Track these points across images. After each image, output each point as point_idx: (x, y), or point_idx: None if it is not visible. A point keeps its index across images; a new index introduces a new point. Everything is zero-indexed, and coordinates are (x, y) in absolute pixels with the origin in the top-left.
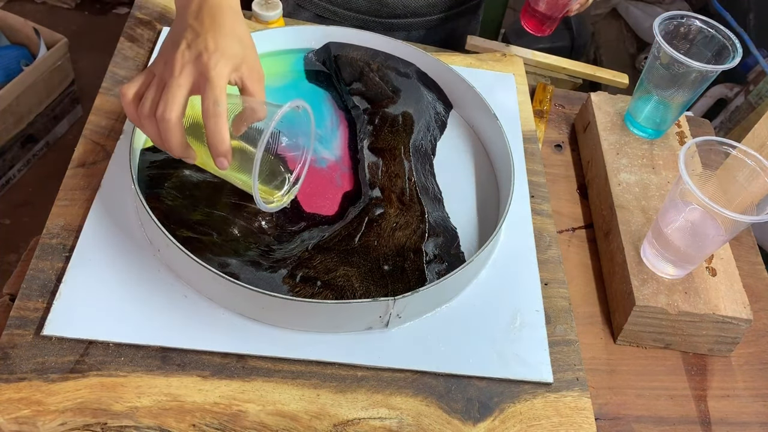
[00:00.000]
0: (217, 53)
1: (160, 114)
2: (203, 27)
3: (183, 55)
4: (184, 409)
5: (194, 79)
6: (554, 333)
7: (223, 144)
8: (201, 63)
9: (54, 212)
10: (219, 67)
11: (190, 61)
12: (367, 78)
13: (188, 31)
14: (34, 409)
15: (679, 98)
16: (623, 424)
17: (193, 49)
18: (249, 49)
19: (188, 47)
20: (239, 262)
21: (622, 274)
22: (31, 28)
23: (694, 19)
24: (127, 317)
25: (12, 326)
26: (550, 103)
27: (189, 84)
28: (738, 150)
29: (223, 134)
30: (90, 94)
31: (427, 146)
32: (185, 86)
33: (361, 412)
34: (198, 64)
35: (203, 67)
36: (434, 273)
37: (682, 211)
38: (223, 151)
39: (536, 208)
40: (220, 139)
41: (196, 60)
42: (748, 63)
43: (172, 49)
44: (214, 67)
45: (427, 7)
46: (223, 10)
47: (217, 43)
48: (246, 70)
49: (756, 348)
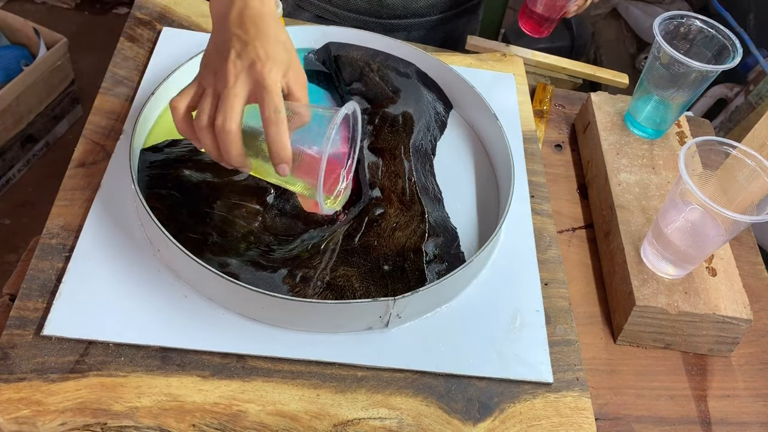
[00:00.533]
0: (270, 61)
1: (219, 125)
2: (249, 35)
3: (235, 65)
4: (184, 409)
5: (250, 88)
6: (554, 333)
7: (286, 151)
8: (255, 71)
9: (54, 212)
10: (273, 74)
11: (243, 70)
12: (367, 78)
13: (234, 39)
14: (34, 409)
15: (679, 98)
16: (623, 424)
17: (244, 58)
18: (293, 55)
19: (239, 56)
20: (239, 262)
21: (622, 274)
22: (31, 28)
23: (694, 19)
24: (127, 317)
25: (12, 326)
26: (550, 103)
27: (245, 93)
28: (738, 150)
29: (285, 141)
30: (90, 94)
31: (427, 146)
32: (242, 95)
33: (361, 412)
34: (252, 72)
35: (258, 75)
36: (434, 273)
37: (682, 211)
38: (286, 158)
39: (536, 208)
40: (282, 146)
41: (250, 69)
42: (748, 63)
43: (220, 59)
44: (269, 75)
45: (427, 7)
46: (265, 17)
47: (267, 50)
48: (293, 75)
49: (756, 348)
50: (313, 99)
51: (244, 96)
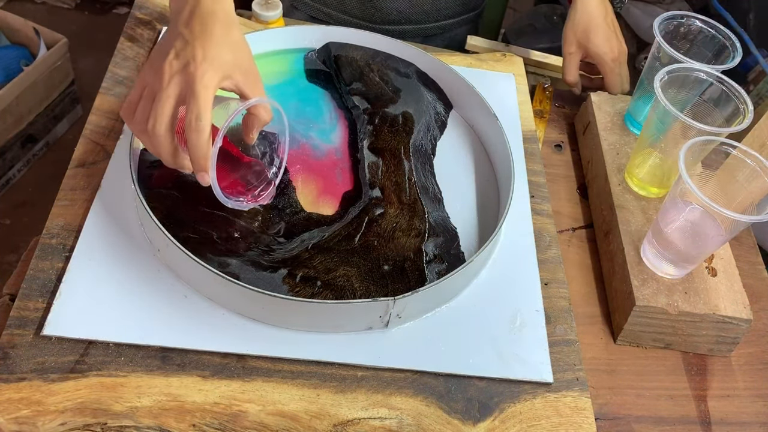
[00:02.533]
0: (205, 63)
1: (150, 128)
2: (193, 35)
3: (171, 65)
4: (184, 409)
5: (181, 90)
6: (554, 333)
7: (204, 160)
8: (188, 73)
9: (54, 212)
10: (206, 78)
11: (177, 72)
12: (367, 78)
13: (178, 39)
14: (34, 409)
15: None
16: (623, 424)
17: (181, 58)
18: (241, 54)
19: (176, 56)
20: (239, 262)
21: (622, 274)
22: (31, 28)
23: (694, 19)
24: (127, 317)
25: (12, 326)
26: (550, 103)
27: (176, 95)
28: (738, 150)
29: (203, 150)
30: (90, 94)
31: (427, 146)
32: (173, 97)
33: (361, 412)
34: (185, 74)
35: (189, 77)
36: (434, 273)
37: (682, 211)
38: (204, 166)
39: (536, 208)
40: (201, 154)
41: (183, 70)
42: (748, 63)
43: (161, 58)
44: (201, 79)
45: (420, 14)
46: (215, 17)
47: (206, 52)
48: (240, 76)
49: (756, 348)
50: (314, 99)
51: (175, 98)
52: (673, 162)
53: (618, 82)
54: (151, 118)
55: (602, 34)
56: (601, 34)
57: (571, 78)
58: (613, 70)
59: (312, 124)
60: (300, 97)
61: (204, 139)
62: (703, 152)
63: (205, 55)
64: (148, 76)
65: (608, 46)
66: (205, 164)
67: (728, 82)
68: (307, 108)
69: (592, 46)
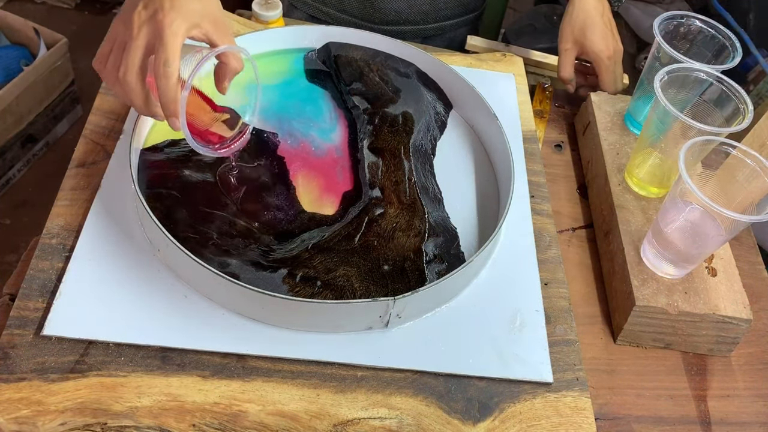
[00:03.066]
0: (173, 11)
1: (121, 76)
2: None
3: (140, 15)
4: (184, 409)
5: (150, 39)
6: (554, 333)
7: (173, 104)
8: (156, 21)
9: (54, 212)
10: (174, 25)
11: (146, 21)
12: (367, 78)
13: None
14: (34, 409)
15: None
16: (623, 424)
17: (149, 8)
18: (210, 4)
19: (145, 7)
20: (239, 262)
21: (622, 274)
22: (31, 28)
23: (694, 19)
24: (127, 317)
25: (12, 326)
26: (550, 103)
27: (145, 44)
28: (738, 150)
29: (172, 94)
30: (90, 94)
31: (427, 146)
32: (142, 46)
33: (361, 412)
34: (153, 22)
35: (158, 25)
36: (434, 273)
37: (682, 211)
38: (174, 110)
39: (536, 208)
40: (170, 98)
41: (152, 19)
42: (748, 63)
43: (131, 9)
44: (169, 26)
45: (419, 15)
46: None
47: (174, 1)
48: (208, 25)
49: (756, 348)
50: (314, 99)
51: (144, 46)
52: (673, 162)
53: (613, 80)
54: (122, 66)
55: (599, 31)
56: (598, 32)
57: (566, 74)
58: (609, 68)
59: (312, 124)
60: (300, 97)
61: (172, 84)
62: (703, 152)
63: (173, 4)
64: (119, 27)
65: (604, 43)
66: (175, 108)
67: (728, 82)
68: (307, 108)
69: (589, 43)
